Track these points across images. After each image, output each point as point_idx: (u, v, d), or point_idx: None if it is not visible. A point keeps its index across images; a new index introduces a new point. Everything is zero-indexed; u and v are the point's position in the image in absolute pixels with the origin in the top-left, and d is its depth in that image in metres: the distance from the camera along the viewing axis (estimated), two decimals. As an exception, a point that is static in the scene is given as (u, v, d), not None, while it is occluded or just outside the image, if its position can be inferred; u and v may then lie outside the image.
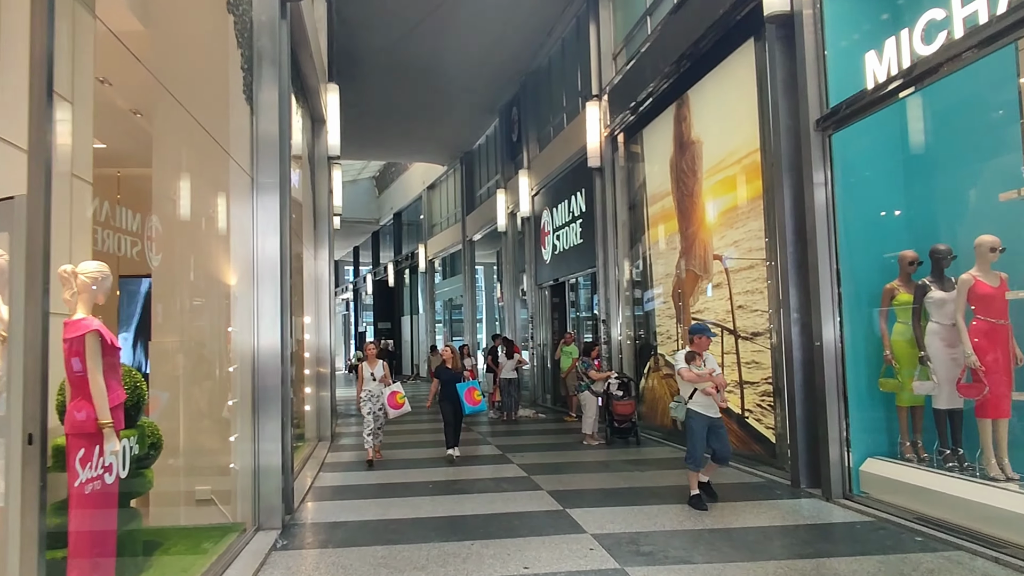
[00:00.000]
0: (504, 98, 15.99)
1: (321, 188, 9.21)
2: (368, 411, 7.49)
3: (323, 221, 9.14)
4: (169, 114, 3.93)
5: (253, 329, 4.28)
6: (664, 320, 8.93)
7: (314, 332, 8.90)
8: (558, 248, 12.95)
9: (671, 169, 8.64)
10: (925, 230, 5.42)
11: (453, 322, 24.89)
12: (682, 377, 5.27)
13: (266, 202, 4.53)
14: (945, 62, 4.38)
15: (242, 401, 4.52)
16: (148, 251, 3.98)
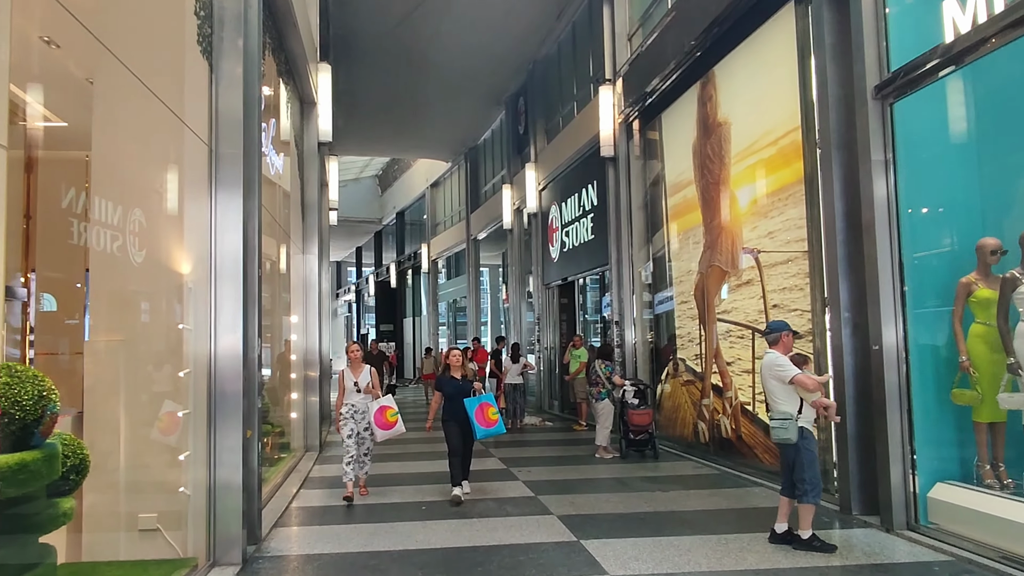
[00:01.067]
0: (510, 88, 15.25)
1: (311, 178, 8.47)
2: (349, 432, 5.74)
3: (312, 214, 8.40)
4: (107, 72, 3.21)
5: (210, 327, 3.55)
6: (685, 322, 8.14)
7: (302, 333, 8.16)
8: (567, 245, 12.17)
9: (694, 155, 7.86)
10: (1007, 214, 4.62)
11: (457, 324, 24.12)
12: (803, 387, 4.10)
13: (227, 177, 3.77)
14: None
15: (196, 411, 3.77)
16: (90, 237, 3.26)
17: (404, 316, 27.69)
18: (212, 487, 3.81)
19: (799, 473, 4.16)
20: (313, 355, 8.29)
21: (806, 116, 5.77)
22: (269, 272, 6.56)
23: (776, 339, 4.32)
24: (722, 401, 7.15)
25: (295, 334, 8.02)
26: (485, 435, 5.65)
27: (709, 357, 7.45)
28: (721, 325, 7.19)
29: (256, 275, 3.73)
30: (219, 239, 3.56)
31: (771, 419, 4.19)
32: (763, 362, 4.34)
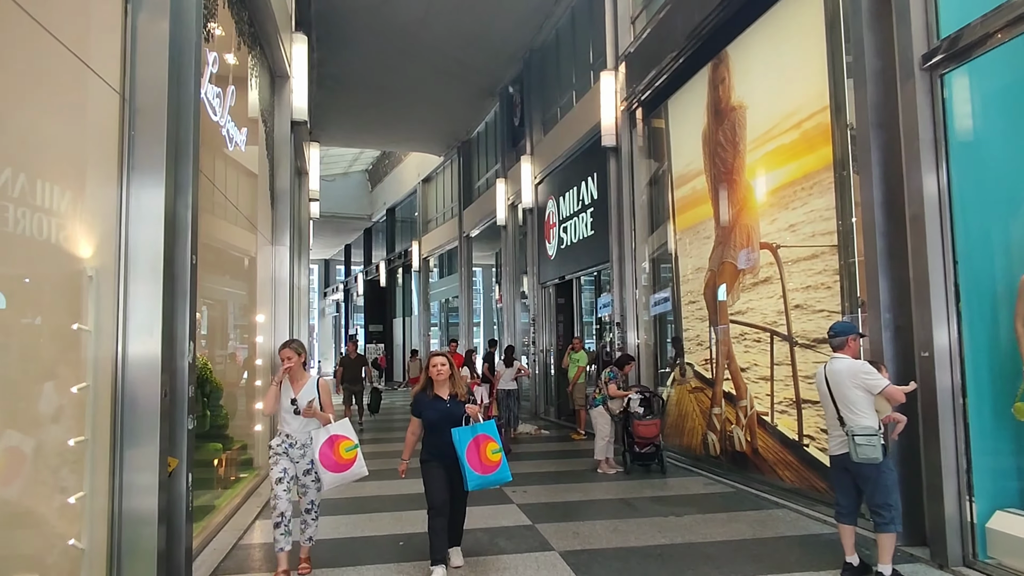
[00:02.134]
0: (506, 78, 14.61)
1: (282, 160, 7.76)
2: (280, 474, 3.88)
3: (284, 202, 7.70)
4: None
5: (117, 328, 2.83)
6: (693, 323, 7.53)
7: (269, 334, 7.47)
8: (565, 242, 11.55)
9: (704, 143, 7.25)
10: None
11: (450, 325, 23.43)
12: (893, 399, 3.58)
13: (146, 137, 2.95)
14: None
15: (96, 438, 2.91)
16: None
17: (394, 316, 26.98)
18: (115, 537, 2.95)
19: (881, 498, 3.59)
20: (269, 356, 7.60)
21: (836, 95, 5.18)
22: (219, 262, 5.82)
23: (842, 343, 3.74)
24: (735, 410, 6.54)
25: (261, 335, 7.33)
26: (481, 484, 3.82)
27: (721, 362, 6.85)
28: (734, 327, 6.58)
29: (188, 263, 3.02)
30: (132, 215, 2.79)
31: (852, 435, 3.53)
32: (835, 369, 3.71)
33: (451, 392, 4.02)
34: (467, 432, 3.86)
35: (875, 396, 3.59)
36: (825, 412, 3.84)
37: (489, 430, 3.94)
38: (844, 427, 3.62)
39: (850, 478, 3.72)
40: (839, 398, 3.68)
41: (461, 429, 3.85)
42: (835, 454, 3.77)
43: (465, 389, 4.09)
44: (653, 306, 8.55)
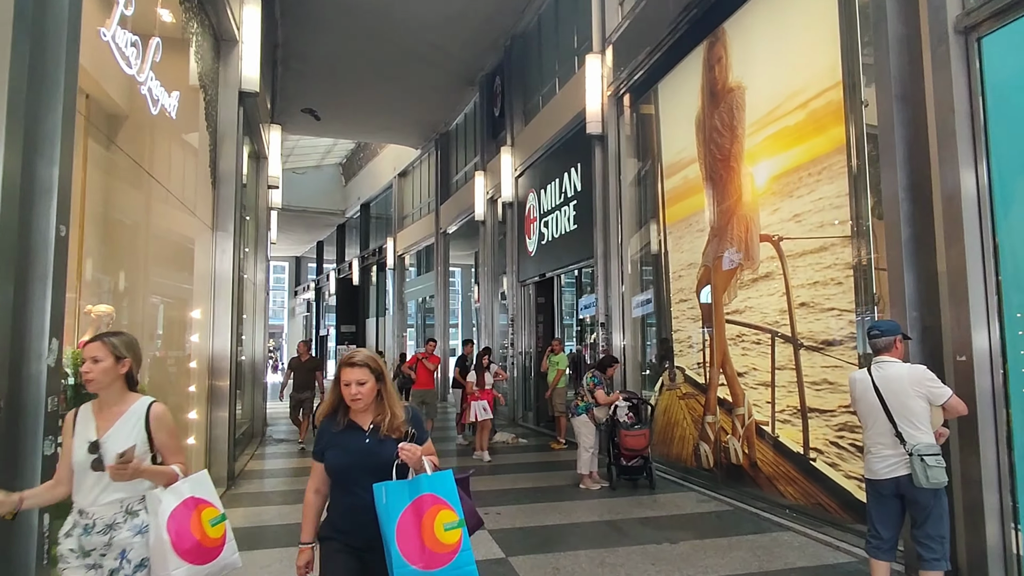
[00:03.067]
0: (486, 66, 13.97)
1: (227, 138, 6.96)
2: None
3: (228, 185, 6.90)
4: None
5: None
6: (685, 323, 6.97)
7: (207, 333, 6.68)
8: (546, 237, 10.94)
9: (698, 129, 6.70)
10: None
11: (427, 326, 22.66)
12: (956, 412, 3.10)
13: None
14: None
15: None
16: None
17: (367, 316, 26.12)
18: None
19: (935, 529, 3.02)
20: (223, 360, 6.81)
21: (850, 68, 4.65)
22: (136, 246, 5.04)
23: (889, 344, 3.15)
24: (731, 419, 5.98)
25: (196, 334, 6.55)
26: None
27: (715, 366, 6.29)
28: (731, 328, 6.03)
29: (53, 237, 2.18)
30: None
31: (921, 456, 2.95)
32: (890, 375, 3.11)
33: (376, 420, 2.26)
34: (400, 491, 2.09)
35: (934, 408, 3.02)
36: (870, 427, 3.22)
37: (442, 488, 2.12)
38: (904, 445, 3.02)
39: (899, 507, 3.13)
40: (897, 410, 3.06)
41: (390, 484, 2.11)
42: (885, 477, 3.12)
43: (406, 417, 2.29)
44: (635, 307, 7.99)
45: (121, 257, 4.58)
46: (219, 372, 6.97)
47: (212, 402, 6.89)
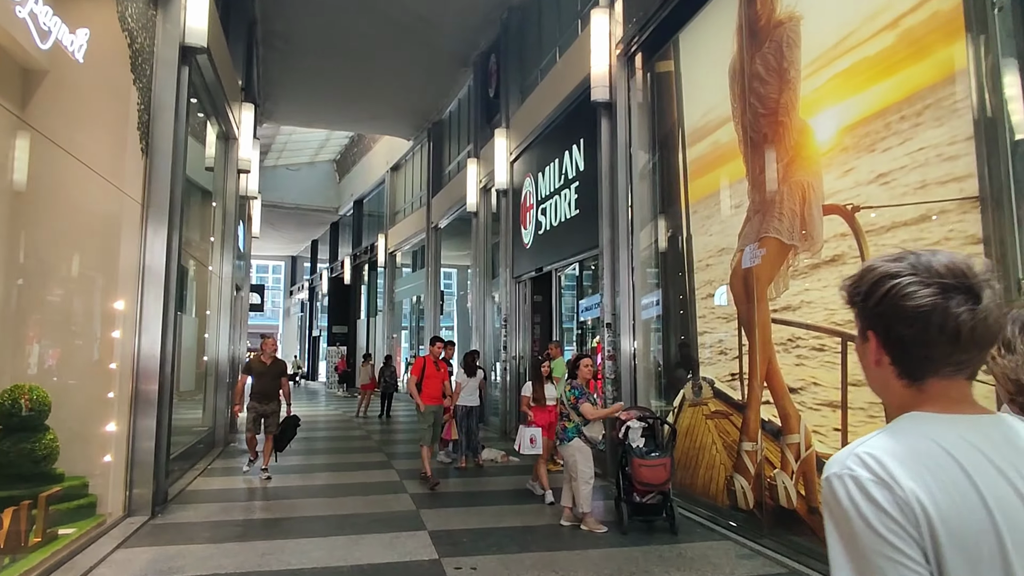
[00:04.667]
0: (481, 44, 12.65)
1: (164, 100, 5.67)
2: None
3: (162, 158, 5.58)
4: None
5: None
6: (713, 323, 5.59)
7: (132, 330, 5.35)
8: (544, 226, 9.58)
9: (733, 80, 5.34)
10: None
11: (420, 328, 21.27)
12: None
13: None
14: None
15: None
16: None
17: (358, 317, 24.79)
18: None
19: None
20: (152, 361, 5.47)
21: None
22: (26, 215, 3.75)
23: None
24: (780, 449, 4.59)
25: (118, 330, 5.22)
26: None
27: (756, 378, 4.91)
28: (780, 329, 4.65)
29: None
30: None
31: None
32: None
33: None
34: None
35: None
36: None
37: None
38: None
39: None
40: None
41: None
42: None
43: None
44: (677, 298, 6.62)
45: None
46: (146, 375, 5.63)
47: (136, 410, 5.55)
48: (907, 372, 0.87)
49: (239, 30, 10.53)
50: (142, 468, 5.50)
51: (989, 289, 0.82)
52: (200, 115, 8.32)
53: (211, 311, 9.42)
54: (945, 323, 0.81)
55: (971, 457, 0.79)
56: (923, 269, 0.83)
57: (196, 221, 8.71)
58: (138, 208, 5.64)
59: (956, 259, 0.84)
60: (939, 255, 0.84)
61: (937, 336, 0.82)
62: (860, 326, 0.92)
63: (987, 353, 0.88)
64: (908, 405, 0.87)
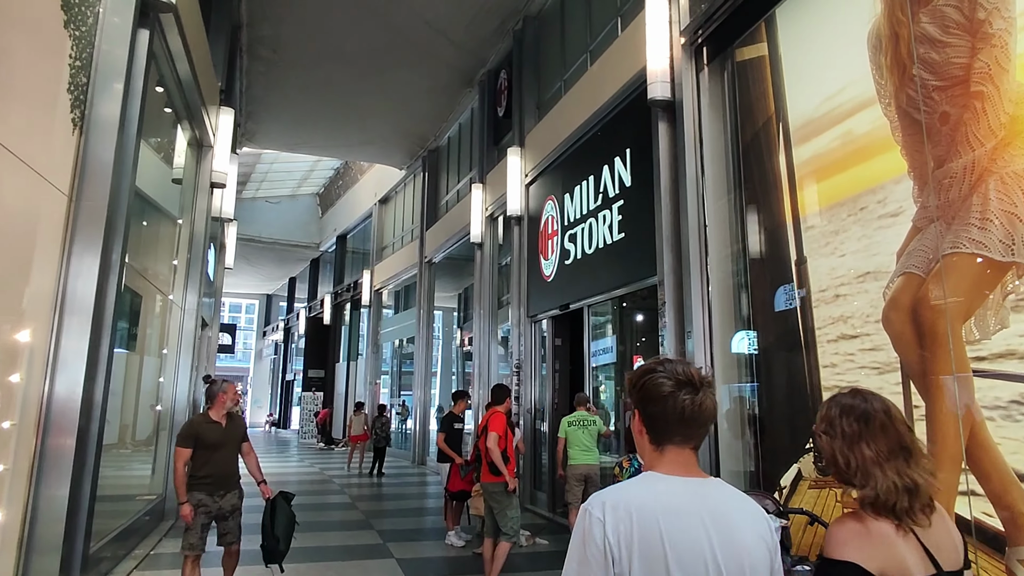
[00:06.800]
0: (489, 60, 11.51)
1: (112, 66, 4.20)
2: None
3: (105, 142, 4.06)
4: None
5: None
6: (852, 373, 4.11)
7: (37, 373, 3.72)
8: (573, 254, 8.14)
9: (877, 51, 4.05)
10: None
11: (403, 373, 19.44)
12: None
13: None
14: None
15: None
16: None
17: (337, 361, 22.84)
18: None
19: None
20: (67, 411, 3.80)
21: None
22: None
23: None
24: (1006, 566, 3.06)
25: (17, 372, 3.56)
26: None
27: (944, 453, 3.41)
28: (988, 385, 3.19)
29: None
30: None
31: None
32: None
33: None
34: None
35: None
36: None
37: None
38: None
39: None
40: None
41: None
42: None
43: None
44: (775, 337, 5.16)
45: None
46: (59, 428, 3.95)
47: (40, 477, 3.83)
48: (654, 440, 1.33)
49: (221, 35, 9.18)
50: (43, 558, 3.76)
51: (705, 387, 1.29)
52: (168, 111, 6.81)
53: (169, 349, 7.67)
54: (676, 406, 1.27)
55: (675, 506, 1.22)
56: (669, 371, 1.29)
57: (155, 238, 7.08)
58: (63, 202, 4.04)
59: (689, 368, 1.30)
60: (680, 364, 1.31)
61: (671, 414, 1.28)
62: (632, 405, 1.37)
63: (706, 430, 1.32)
64: (652, 466, 1.32)
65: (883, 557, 1.32)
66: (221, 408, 4.39)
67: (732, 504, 1.27)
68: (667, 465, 1.29)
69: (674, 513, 1.21)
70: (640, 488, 1.25)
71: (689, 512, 1.21)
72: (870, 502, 1.37)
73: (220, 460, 4.33)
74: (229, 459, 4.40)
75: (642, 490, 1.24)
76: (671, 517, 1.20)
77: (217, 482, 4.30)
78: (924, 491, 1.38)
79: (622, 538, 1.17)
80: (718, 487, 1.29)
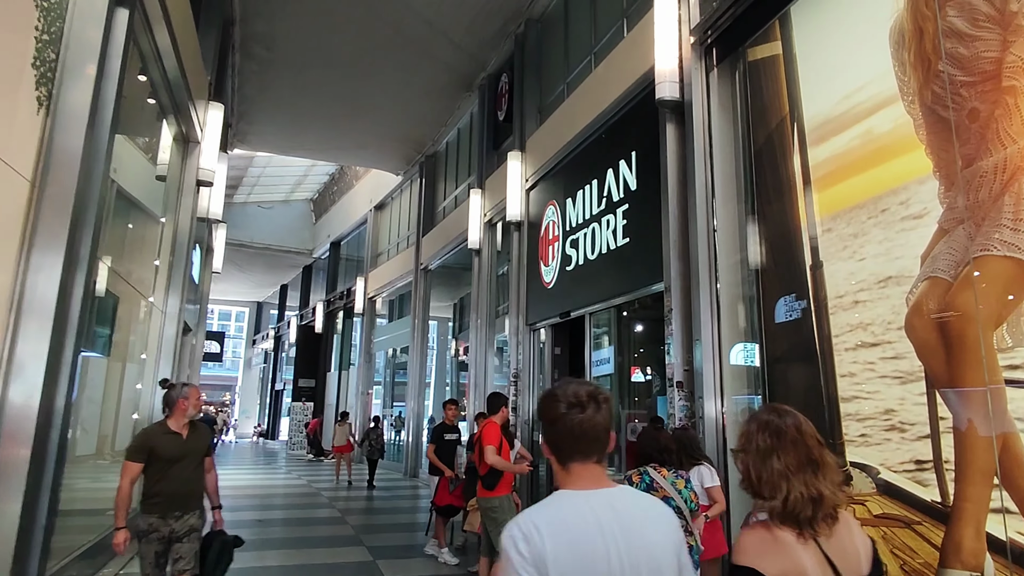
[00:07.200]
0: (490, 64, 11.39)
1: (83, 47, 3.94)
2: None
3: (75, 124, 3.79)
4: None
5: None
6: (873, 384, 3.92)
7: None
8: (575, 261, 7.95)
9: (899, 47, 3.90)
10: None
11: (396, 384, 19.12)
12: None
13: None
14: None
15: None
16: None
17: (328, 370, 22.47)
18: None
19: None
20: (23, 419, 3.48)
21: None
22: None
23: None
24: (1048, 590, 2.85)
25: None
26: None
27: (974, 471, 3.21)
28: (1022, 395, 3.01)
29: None
30: None
31: None
32: None
33: None
34: None
35: None
36: None
37: None
38: None
39: None
40: None
41: None
42: None
43: None
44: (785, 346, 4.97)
45: None
46: (13, 436, 3.61)
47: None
48: (559, 460, 1.41)
49: (212, 28, 8.98)
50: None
51: (592, 406, 1.37)
52: (151, 102, 6.57)
53: (148, 355, 7.37)
54: (568, 425, 1.37)
55: (582, 518, 1.33)
56: (562, 393, 1.40)
57: (135, 236, 6.80)
58: (24, 188, 3.76)
59: (581, 387, 1.40)
60: (572, 385, 1.41)
61: (566, 434, 1.38)
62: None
63: (602, 444, 1.39)
64: (561, 483, 1.40)
65: (784, 564, 1.41)
66: (181, 416, 3.79)
67: (637, 509, 1.37)
68: (574, 481, 1.38)
69: (580, 525, 1.31)
70: (550, 507, 1.35)
71: (595, 522, 1.31)
72: (777, 513, 1.46)
73: (178, 476, 3.70)
74: (189, 476, 3.76)
75: (551, 508, 1.35)
76: (577, 529, 1.30)
77: (173, 502, 3.68)
78: (829, 501, 1.46)
79: (536, 555, 1.27)
80: (624, 495, 1.39)
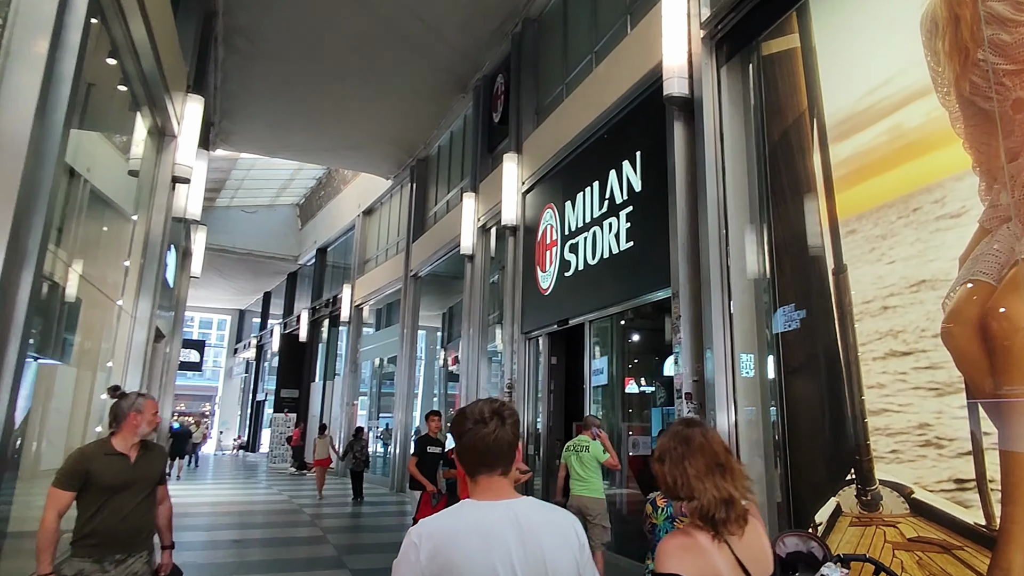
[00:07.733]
0: (485, 65, 11.14)
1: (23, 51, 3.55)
2: None
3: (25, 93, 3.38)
4: None
5: None
6: (903, 397, 3.64)
7: None
8: (574, 266, 7.65)
9: (932, 36, 3.67)
10: None
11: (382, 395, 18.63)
12: None
13: None
14: None
15: None
16: None
17: (312, 379, 21.92)
18: None
19: None
20: None
21: None
22: None
23: None
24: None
25: None
26: None
27: (1022, 487, 2.93)
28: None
29: None
30: None
31: None
32: None
33: None
34: None
35: None
36: None
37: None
38: None
39: None
40: None
41: None
42: None
43: None
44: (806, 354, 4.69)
45: None
46: None
47: None
48: (468, 472, 1.50)
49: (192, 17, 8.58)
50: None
51: (495, 421, 1.46)
52: (123, 88, 6.17)
53: (115, 363, 6.88)
54: (473, 440, 1.46)
55: (483, 527, 1.41)
56: (470, 411, 1.51)
57: (101, 234, 6.36)
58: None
59: (487, 404, 1.50)
60: (480, 403, 1.51)
61: (471, 448, 1.48)
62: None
63: (505, 458, 1.48)
64: (471, 495, 1.49)
65: (701, 567, 1.48)
66: (131, 434, 2.98)
67: (536, 518, 1.45)
68: (480, 493, 1.47)
69: (480, 533, 1.39)
70: (452, 516, 1.44)
71: (495, 531, 1.39)
72: (699, 514, 1.54)
73: (120, 510, 2.88)
74: (136, 509, 2.94)
75: (453, 517, 1.43)
76: (476, 538, 1.38)
77: (112, 543, 2.86)
78: (738, 502, 1.53)
79: (431, 560, 1.35)
80: (525, 505, 1.47)
